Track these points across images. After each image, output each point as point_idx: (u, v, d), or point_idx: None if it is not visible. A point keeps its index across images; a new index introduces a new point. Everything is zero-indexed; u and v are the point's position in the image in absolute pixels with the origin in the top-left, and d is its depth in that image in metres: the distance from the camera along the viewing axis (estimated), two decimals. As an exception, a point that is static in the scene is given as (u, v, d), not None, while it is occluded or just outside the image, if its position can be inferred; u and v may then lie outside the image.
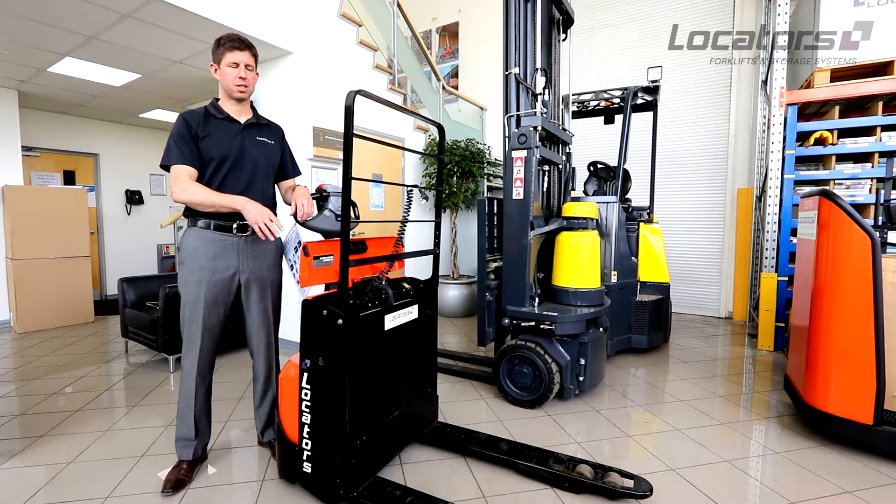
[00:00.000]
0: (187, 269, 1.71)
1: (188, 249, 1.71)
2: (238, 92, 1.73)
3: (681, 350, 3.66)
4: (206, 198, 1.63)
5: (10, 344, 3.84)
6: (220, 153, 1.69)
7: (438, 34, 6.57)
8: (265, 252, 1.83)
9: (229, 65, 1.71)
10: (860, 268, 1.93)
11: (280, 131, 1.94)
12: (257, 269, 1.81)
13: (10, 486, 1.80)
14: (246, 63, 1.73)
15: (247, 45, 1.74)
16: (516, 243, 2.58)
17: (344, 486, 1.59)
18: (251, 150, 1.77)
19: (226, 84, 1.73)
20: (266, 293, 1.86)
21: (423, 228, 4.67)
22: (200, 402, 1.81)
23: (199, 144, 1.68)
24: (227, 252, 1.73)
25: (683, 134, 4.94)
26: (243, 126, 1.78)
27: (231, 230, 1.72)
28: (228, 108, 1.78)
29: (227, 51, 1.70)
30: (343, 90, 3.74)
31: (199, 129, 1.69)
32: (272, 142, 1.86)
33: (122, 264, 5.98)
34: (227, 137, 1.73)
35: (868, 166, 3.41)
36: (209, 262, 1.70)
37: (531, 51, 2.73)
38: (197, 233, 1.71)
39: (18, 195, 4.22)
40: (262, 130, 1.85)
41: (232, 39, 1.72)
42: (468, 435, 2.09)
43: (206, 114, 1.74)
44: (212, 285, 1.71)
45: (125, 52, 3.46)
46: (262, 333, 1.90)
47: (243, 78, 1.72)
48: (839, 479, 1.84)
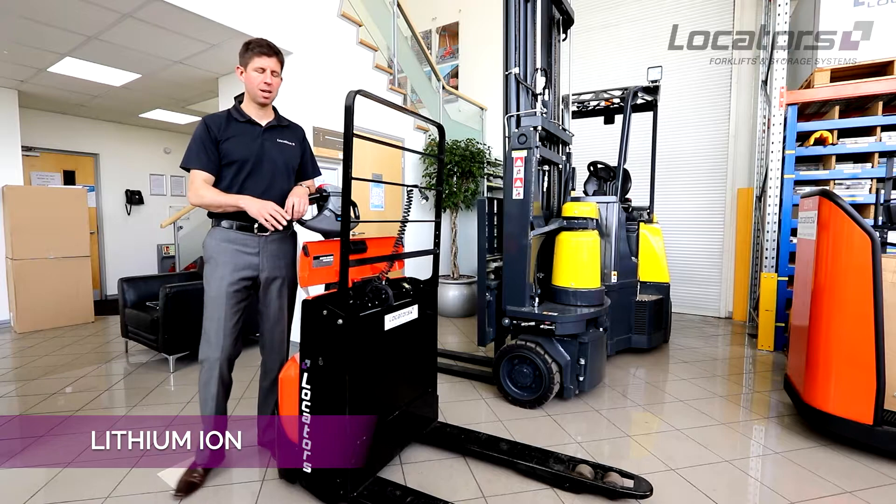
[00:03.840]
0: (212, 266, 1.76)
1: (213, 248, 1.76)
2: (262, 97, 1.76)
3: (681, 350, 3.66)
4: (213, 199, 1.69)
5: (10, 344, 3.84)
6: (240, 156, 1.73)
7: (438, 34, 6.57)
8: (284, 251, 1.88)
9: (256, 69, 1.73)
10: (860, 268, 1.93)
11: (301, 132, 1.95)
12: (277, 268, 1.85)
13: (10, 486, 1.80)
14: (272, 69, 1.75)
15: (275, 52, 1.76)
16: (516, 243, 2.59)
17: (344, 486, 1.59)
18: (271, 152, 1.80)
19: (250, 88, 1.76)
20: (283, 291, 1.89)
21: (423, 228, 4.67)
22: (221, 404, 1.81)
23: (221, 147, 1.72)
24: (248, 250, 1.77)
25: (683, 134, 4.94)
26: (264, 129, 1.80)
27: (252, 230, 1.77)
28: (250, 111, 1.80)
29: (254, 55, 1.72)
30: (343, 90, 3.71)
31: (221, 132, 1.72)
32: (292, 143, 1.88)
33: (122, 264, 5.98)
34: (247, 140, 1.76)
35: (868, 166, 3.41)
36: (231, 258, 1.75)
37: (531, 51, 2.73)
38: (221, 233, 1.76)
39: (18, 195, 4.22)
40: (283, 132, 1.86)
41: (261, 45, 1.73)
42: (468, 435, 2.09)
43: (229, 117, 1.77)
44: (235, 281, 1.75)
45: (125, 52, 3.46)
46: (277, 330, 1.92)
47: (268, 83, 1.75)
48: (839, 479, 1.84)
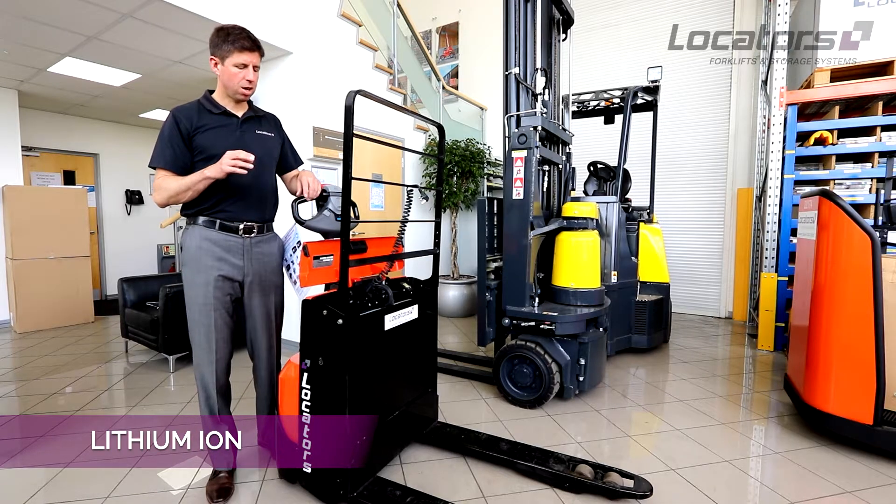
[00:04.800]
0: (192, 270, 1.64)
1: (192, 250, 1.63)
2: (243, 94, 1.66)
3: (681, 350, 3.66)
4: (177, 186, 1.55)
5: (10, 344, 3.84)
6: (220, 150, 1.58)
7: (438, 34, 6.56)
8: (269, 254, 1.78)
9: (237, 65, 1.61)
10: (860, 268, 1.93)
11: (277, 121, 1.86)
12: (262, 272, 1.75)
13: (10, 486, 1.80)
14: (255, 65, 1.64)
15: (257, 46, 1.64)
16: (516, 243, 2.58)
17: (344, 486, 1.59)
18: (252, 144, 1.68)
19: (230, 84, 1.63)
20: (269, 296, 1.80)
21: (423, 228, 4.67)
22: (224, 408, 1.78)
23: (194, 140, 1.60)
24: (232, 253, 1.67)
25: (683, 134, 4.94)
26: (242, 120, 1.70)
27: (237, 231, 1.67)
28: (225, 103, 1.69)
29: (235, 50, 1.59)
30: (343, 90, 3.71)
31: (192, 125, 1.60)
32: (271, 134, 1.79)
33: (122, 264, 5.98)
34: (225, 133, 1.65)
35: (868, 166, 3.41)
36: (215, 262, 1.63)
37: (531, 51, 2.73)
38: (200, 231, 1.63)
39: (18, 195, 4.22)
40: (260, 123, 1.77)
41: (242, 38, 1.60)
42: (468, 435, 2.09)
43: (200, 107, 1.64)
44: (219, 285, 1.65)
45: (125, 52, 3.45)
46: (265, 337, 1.82)
47: (251, 81, 1.64)
48: (839, 479, 1.84)
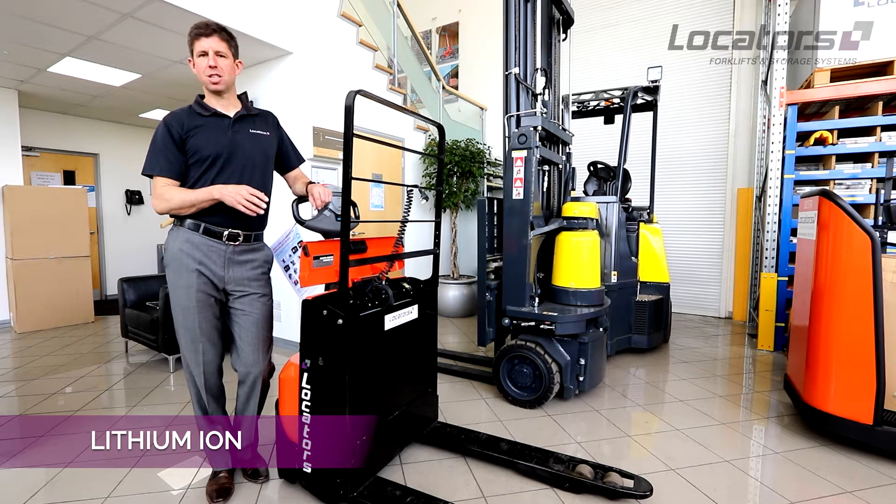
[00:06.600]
0: (175, 272, 1.61)
1: (174, 251, 1.60)
2: (211, 83, 1.58)
3: (681, 350, 3.66)
4: (183, 199, 1.53)
5: (10, 344, 3.84)
6: (211, 151, 1.57)
7: (438, 34, 6.56)
8: (252, 262, 1.71)
9: (199, 54, 1.56)
10: (860, 268, 1.93)
11: (274, 119, 1.79)
12: (243, 282, 1.68)
13: (10, 486, 1.80)
14: (216, 50, 1.55)
15: (213, 29, 1.55)
16: (516, 243, 2.58)
17: (344, 486, 1.59)
18: (245, 144, 1.64)
19: (200, 78, 1.59)
20: (253, 305, 1.70)
21: (423, 228, 4.67)
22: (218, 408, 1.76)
23: (186, 145, 1.57)
24: (214, 257, 1.62)
25: (683, 134, 4.94)
26: (233, 120, 1.64)
27: (221, 237, 1.61)
28: (214, 104, 1.64)
29: (194, 40, 1.55)
30: (343, 90, 3.73)
31: (184, 129, 1.56)
32: (266, 132, 1.72)
33: (122, 264, 5.98)
34: (216, 134, 1.60)
35: (868, 166, 3.41)
36: (197, 265, 1.59)
37: (531, 51, 2.73)
38: (184, 234, 1.60)
39: (18, 195, 4.22)
40: (254, 122, 1.70)
41: (198, 26, 1.55)
42: (468, 435, 2.09)
43: (191, 111, 1.61)
44: (202, 287, 1.61)
45: (125, 52, 3.45)
46: (250, 350, 1.71)
47: (213, 66, 1.56)
48: (839, 479, 1.84)
